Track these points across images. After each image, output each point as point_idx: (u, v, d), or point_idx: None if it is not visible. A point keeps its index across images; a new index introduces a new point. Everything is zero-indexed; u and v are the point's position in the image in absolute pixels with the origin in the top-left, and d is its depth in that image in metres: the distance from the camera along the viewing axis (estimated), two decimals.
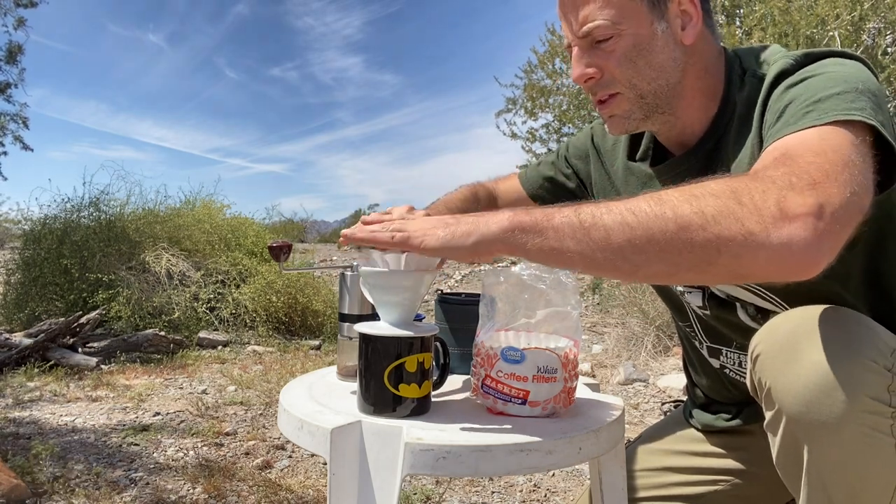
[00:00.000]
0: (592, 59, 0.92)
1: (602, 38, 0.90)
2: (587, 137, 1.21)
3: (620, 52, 0.90)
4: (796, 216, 0.62)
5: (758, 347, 0.77)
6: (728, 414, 1.13)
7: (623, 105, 0.94)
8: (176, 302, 4.54)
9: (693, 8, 0.92)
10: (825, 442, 0.70)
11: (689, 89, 0.95)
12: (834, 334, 0.72)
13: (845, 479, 0.70)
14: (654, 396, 3.15)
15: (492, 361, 0.82)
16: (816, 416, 0.69)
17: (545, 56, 6.58)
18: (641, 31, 0.89)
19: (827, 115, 0.73)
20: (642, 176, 1.08)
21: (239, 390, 3.16)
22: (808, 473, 0.72)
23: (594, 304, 5.79)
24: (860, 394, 0.68)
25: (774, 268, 0.63)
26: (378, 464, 0.74)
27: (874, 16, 3.38)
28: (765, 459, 1.10)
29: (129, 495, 1.88)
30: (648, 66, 0.91)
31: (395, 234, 0.75)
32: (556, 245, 0.69)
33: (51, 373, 3.35)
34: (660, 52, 0.91)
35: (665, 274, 0.68)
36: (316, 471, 2.14)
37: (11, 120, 13.18)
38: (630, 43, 0.90)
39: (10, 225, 7.56)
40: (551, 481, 2.09)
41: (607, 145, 1.16)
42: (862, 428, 0.68)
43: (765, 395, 0.76)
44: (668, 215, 0.65)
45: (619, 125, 0.97)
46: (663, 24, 0.90)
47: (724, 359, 1.08)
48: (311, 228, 17.63)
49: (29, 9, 12.14)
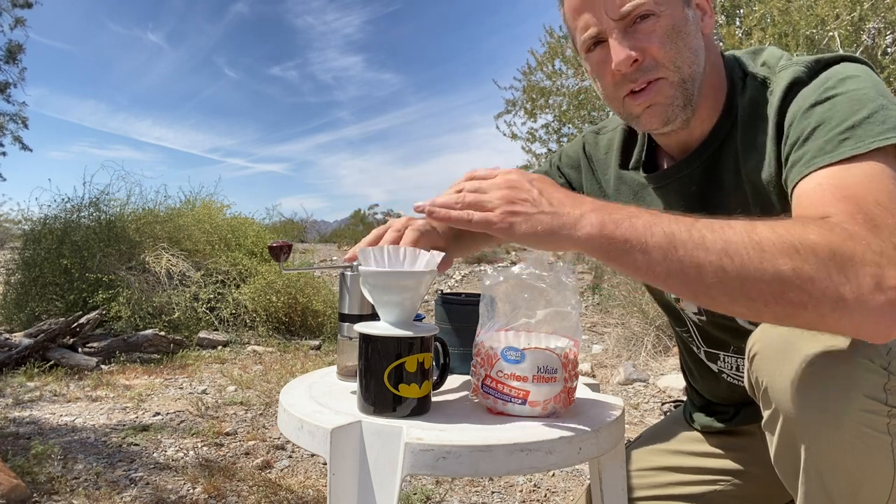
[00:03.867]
0: (634, 41, 0.89)
1: (645, 13, 0.88)
2: (579, 146, 1.20)
3: (661, 31, 0.89)
4: (888, 290, 0.63)
5: (754, 347, 0.78)
6: (726, 415, 1.13)
7: (666, 91, 0.91)
8: (176, 302, 4.54)
9: (707, 4, 0.94)
10: (822, 440, 0.70)
11: (706, 86, 0.94)
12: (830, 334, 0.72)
13: (843, 477, 0.70)
14: (654, 396, 3.15)
15: (492, 361, 0.82)
16: (813, 415, 0.69)
17: (545, 57, 6.58)
18: (677, 13, 0.90)
19: (864, 142, 0.75)
20: (634, 185, 1.07)
21: (239, 390, 3.16)
22: (806, 472, 0.72)
23: (594, 304, 5.79)
24: (857, 392, 0.68)
25: (855, 330, 0.65)
26: (378, 464, 0.74)
27: (874, 16, 3.38)
28: (764, 460, 1.10)
29: (129, 495, 1.88)
30: (687, 47, 0.90)
31: (472, 214, 0.75)
32: (643, 268, 0.69)
33: (51, 373, 3.35)
34: (693, 36, 0.91)
35: (742, 314, 0.70)
36: (316, 471, 2.14)
37: (11, 120, 13.17)
38: (669, 23, 0.89)
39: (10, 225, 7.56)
40: (551, 481, 2.09)
41: (599, 154, 1.15)
42: (859, 426, 0.68)
43: (762, 395, 0.76)
44: (766, 269, 0.64)
45: (659, 114, 0.92)
46: (691, 10, 0.91)
47: (721, 363, 1.08)
48: (311, 228, 17.64)
49: (25, 9, 12.13)
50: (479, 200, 0.76)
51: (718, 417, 1.15)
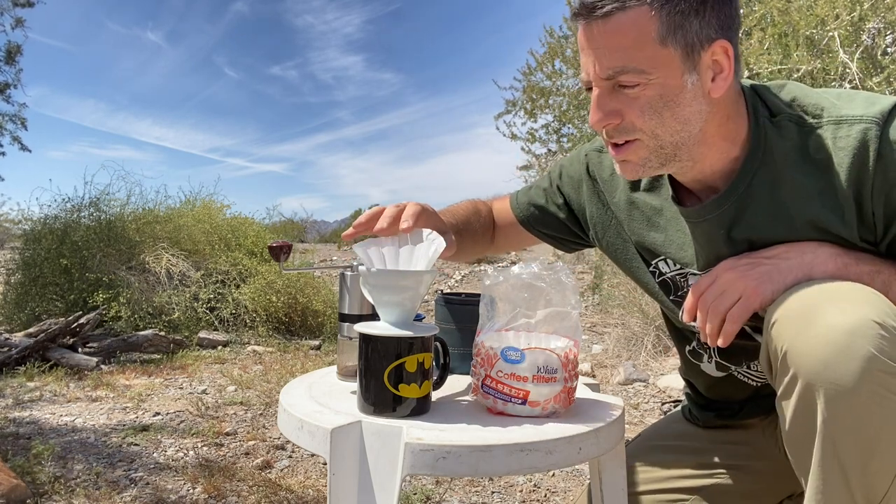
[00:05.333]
0: (614, 103, 0.87)
1: (628, 84, 0.85)
2: (582, 166, 1.16)
3: (645, 100, 0.85)
4: None
5: (774, 314, 0.79)
6: (730, 411, 1.13)
7: (640, 153, 0.90)
8: (176, 302, 4.54)
9: (726, 60, 0.86)
10: (840, 404, 0.70)
11: (711, 136, 0.90)
12: (850, 299, 0.74)
13: (857, 443, 0.70)
14: (654, 396, 3.16)
15: (492, 361, 0.83)
16: (832, 377, 0.70)
17: (544, 57, 6.58)
18: (671, 81, 0.84)
19: None
20: (647, 209, 1.05)
21: (239, 390, 3.16)
22: (822, 438, 0.72)
23: (594, 304, 5.79)
24: (876, 355, 0.68)
25: None
26: (378, 464, 0.74)
27: (874, 16, 3.37)
28: (764, 453, 1.09)
29: (129, 495, 1.88)
30: (673, 118, 0.86)
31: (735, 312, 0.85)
32: None
33: (51, 373, 3.35)
34: (687, 105, 0.86)
35: None
36: (316, 471, 2.14)
37: (10, 120, 13.15)
38: (657, 93, 0.85)
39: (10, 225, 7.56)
40: (551, 481, 2.09)
41: (604, 175, 1.12)
42: (877, 388, 0.68)
43: (781, 361, 0.76)
44: None
45: (632, 171, 0.92)
46: (694, 76, 0.85)
47: (733, 369, 1.08)
48: (311, 228, 17.63)
49: (26, 8, 12.11)
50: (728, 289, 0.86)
51: (721, 413, 1.15)
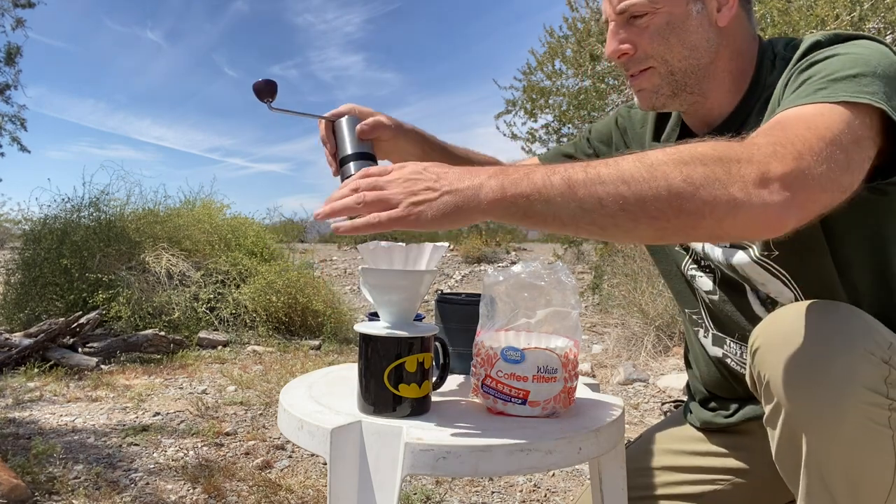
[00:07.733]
0: (626, 34, 0.96)
1: (637, 13, 0.94)
2: (611, 121, 1.23)
3: (653, 28, 0.94)
4: (773, 181, 0.65)
5: (757, 341, 0.78)
6: (727, 411, 1.13)
7: (653, 79, 0.97)
8: (176, 302, 4.54)
9: None
10: (824, 434, 0.70)
11: (721, 71, 0.97)
12: (832, 327, 0.73)
13: (845, 471, 0.70)
14: (654, 396, 3.16)
15: (492, 361, 0.82)
16: (815, 408, 0.70)
17: (545, 57, 6.58)
18: (676, 9, 0.93)
19: (836, 94, 0.75)
20: None
21: (239, 390, 3.16)
22: (807, 466, 0.72)
23: (594, 304, 5.79)
24: (858, 385, 0.68)
25: (749, 227, 0.68)
26: (378, 464, 0.74)
27: (874, 16, 3.38)
28: (765, 459, 1.09)
29: (129, 495, 1.88)
30: (681, 43, 0.94)
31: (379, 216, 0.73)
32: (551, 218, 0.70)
33: (51, 373, 3.35)
34: (693, 31, 0.94)
35: (651, 238, 0.72)
36: (316, 471, 2.14)
37: (9, 121, 13.14)
38: (663, 20, 0.93)
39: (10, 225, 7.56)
40: (551, 481, 2.09)
41: (635, 127, 1.18)
42: (861, 419, 0.68)
43: (764, 389, 0.77)
44: (660, 185, 0.67)
45: (646, 99, 1.00)
46: (699, 4, 0.93)
47: (727, 348, 1.09)
48: (311, 228, 17.60)
49: (27, 9, 12.09)
50: (380, 197, 0.74)
51: (719, 414, 1.15)
